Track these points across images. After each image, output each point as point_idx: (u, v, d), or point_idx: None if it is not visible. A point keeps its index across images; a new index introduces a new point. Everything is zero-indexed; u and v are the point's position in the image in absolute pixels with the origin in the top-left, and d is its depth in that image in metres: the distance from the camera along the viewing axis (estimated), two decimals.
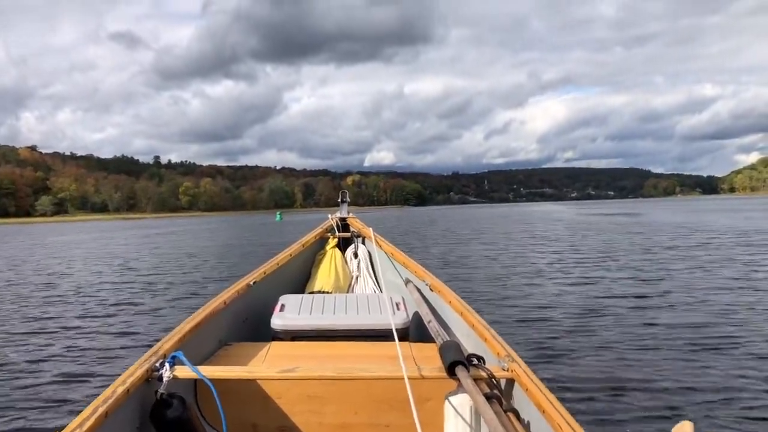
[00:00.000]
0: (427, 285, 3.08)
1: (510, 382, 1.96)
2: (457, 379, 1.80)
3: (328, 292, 3.39)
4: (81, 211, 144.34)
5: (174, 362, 1.89)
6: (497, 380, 1.86)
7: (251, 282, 3.00)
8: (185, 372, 1.87)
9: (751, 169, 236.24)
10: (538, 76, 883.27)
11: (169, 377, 1.82)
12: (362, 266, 3.80)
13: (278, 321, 2.62)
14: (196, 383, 2.10)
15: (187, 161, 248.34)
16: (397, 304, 2.74)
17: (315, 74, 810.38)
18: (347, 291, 3.62)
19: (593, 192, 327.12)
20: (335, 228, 4.07)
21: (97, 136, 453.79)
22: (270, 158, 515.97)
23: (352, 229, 4.07)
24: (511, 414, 1.70)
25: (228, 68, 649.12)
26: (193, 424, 1.87)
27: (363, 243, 3.97)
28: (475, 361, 1.92)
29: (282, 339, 2.59)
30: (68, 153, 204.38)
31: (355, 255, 3.89)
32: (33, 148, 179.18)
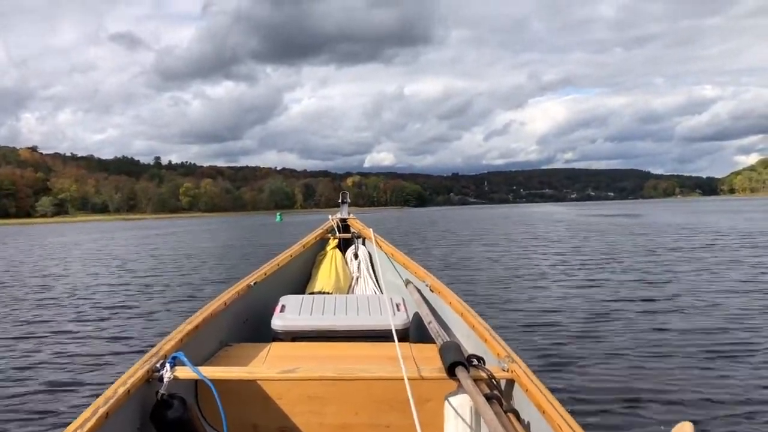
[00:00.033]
0: (428, 286, 3.07)
1: (510, 383, 1.97)
2: (458, 380, 1.80)
3: (329, 293, 3.36)
4: (81, 212, 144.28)
5: (175, 363, 1.89)
6: (497, 381, 1.87)
7: (252, 283, 2.99)
8: (186, 372, 1.88)
9: (751, 171, 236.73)
10: (538, 78, 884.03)
11: (170, 378, 1.83)
12: (362, 267, 3.79)
13: (279, 322, 2.61)
14: (197, 384, 2.10)
15: (188, 162, 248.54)
16: (398, 305, 2.73)
17: (315, 75, 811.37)
18: (347, 292, 3.60)
19: (593, 193, 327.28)
20: (336, 229, 4.05)
21: (98, 137, 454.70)
22: (270, 159, 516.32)
23: (353, 230, 4.06)
24: (511, 414, 1.70)
25: (228, 69, 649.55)
26: (194, 425, 1.88)
27: (363, 244, 3.96)
28: (476, 362, 1.92)
29: (282, 340, 2.58)
30: (69, 154, 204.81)
31: (356, 256, 3.87)
32: (33, 149, 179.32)
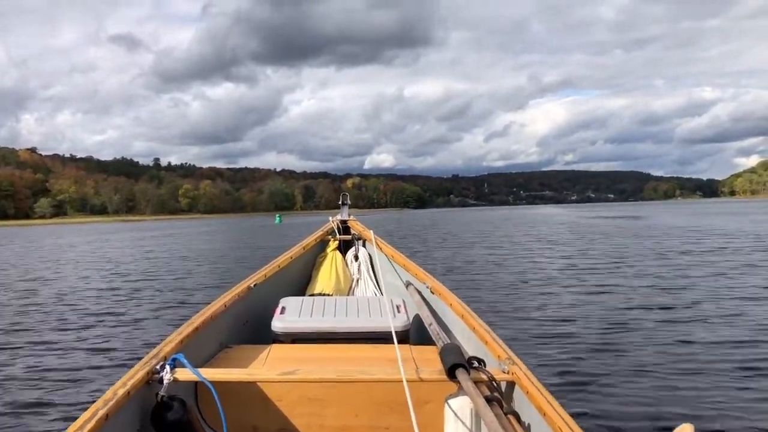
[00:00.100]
0: (428, 288, 3.07)
1: (511, 385, 1.95)
2: (458, 382, 1.79)
3: (329, 295, 3.35)
4: (80, 213, 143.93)
5: (174, 364, 1.87)
6: (498, 383, 1.86)
7: (252, 284, 2.97)
8: (186, 374, 1.86)
9: (751, 173, 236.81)
10: (538, 79, 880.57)
11: (170, 379, 1.81)
12: (363, 269, 3.77)
13: (279, 323, 2.60)
14: (197, 386, 2.09)
15: (187, 163, 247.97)
16: (398, 307, 2.72)
17: (315, 77, 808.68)
18: (348, 294, 3.59)
19: (593, 195, 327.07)
20: (336, 230, 4.02)
21: (97, 138, 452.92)
22: (270, 160, 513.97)
23: (353, 232, 4.03)
24: (512, 417, 1.68)
25: (228, 70, 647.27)
26: (194, 427, 1.86)
27: (364, 245, 3.93)
28: (476, 364, 1.91)
29: (282, 341, 2.57)
30: (68, 155, 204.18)
31: (356, 257, 3.85)
32: (33, 150, 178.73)
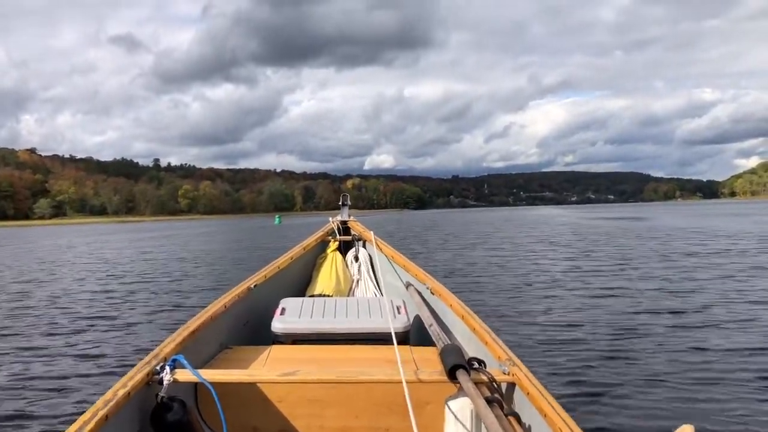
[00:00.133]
0: (428, 288, 3.06)
1: (511, 386, 1.94)
2: (458, 383, 1.78)
3: (329, 296, 3.34)
4: (79, 214, 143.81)
5: (174, 365, 1.86)
6: (498, 384, 1.86)
7: (252, 285, 2.97)
8: (186, 375, 1.86)
9: (752, 174, 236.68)
10: (538, 80, 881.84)
11: (170, 380, 1.80)
12: (363, 270, 3.77)
13: (279, 324, 2.59)
14: (197, 386, 2.08)
15: (187, 164, 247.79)
16: (398, 308, 2.71)
17: (315, 77, 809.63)
18: (348, 294, 3.59)
19: (593, 196, 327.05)
20: (336, 231, 4.02)
21: (97, 139, 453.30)
22: (270, 161, 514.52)
23: (353, 233, 4.02)
24: (512, 418, 1.67)
25: (228, 71, 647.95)
26: (194, 428, 1.85)
27: (364, 246, 3.92)
28: (476, 365, 1.90)
29: (283, 342, 2.56)
30: (68, 156, 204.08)
31: (356, 258, 3.85)
32: (32, 151, 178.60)
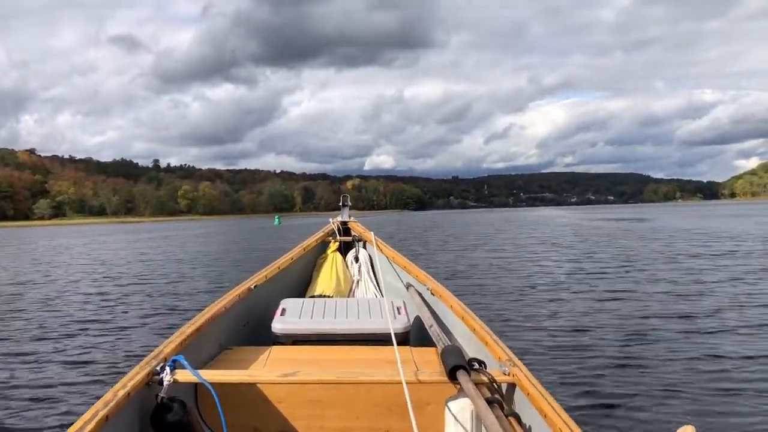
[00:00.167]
0: (428, 289, 3.07)
1: (511, 387, 1.94)
2: (458, 384, 1.78)
3: (329, 296, 3.35)
4: (79, 215, 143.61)
5: (175, 366, 1.86)
6: (498, 384, 1.87)
7: (252, 286, 2.97)
8: (186, 376, 1.85)
9: (752, 175, 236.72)
10: (538, 81, 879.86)
11: (170, 381, 1.80)
12: (363, 270, 3.77)
13: (279, 325, 2.59)
14: (197, 387, 2.07)
15: (187, 165, 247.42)
16: (398, 309, 2.72)
17: (315, 78, 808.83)
18: (348, 295, 3.59)
19: (593, 197, 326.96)
20: (336, 232, 4.01)
21: (97, 140, 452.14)
22: (269, 162, 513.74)
23: (354, 233, 4.01)
24: (513, 419, 1.67)
25: (228, 72, 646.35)
26: (194, 428, 1.85)
27: (364, 247, 3.92)
28: (477, 366, 1.90)
29: (283, 343, 2.56)
30: (67, 156, 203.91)
31: (356, 259, 3.85)
32: (32, 152, 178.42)
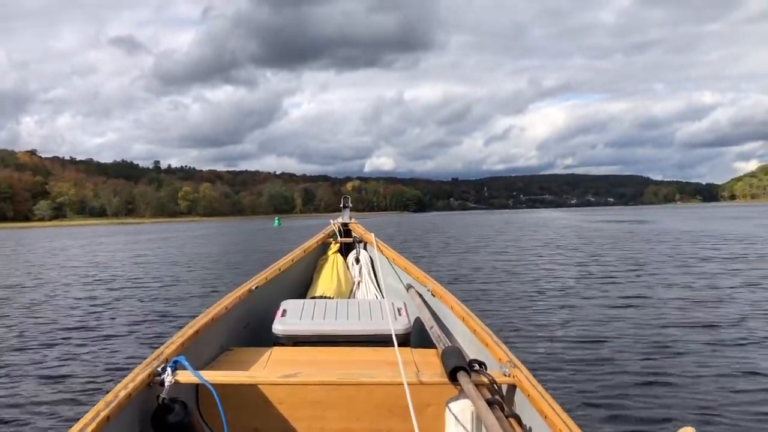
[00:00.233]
0: (429, 290, 3.06)
1: (512, 388, 1.93)
2: (459, 385, 1.77)
3: (330, 298, 3.34)
4: (79, 216, 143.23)
5: (176, 367, 1.85)
6: (499, 386, 1.87)
7: (253, 287, 2.96)
8: (187, 377, 1.85)
9: (751, 177, 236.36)
10: (538, 83, 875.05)
11: (171, 382, 1.79)
12: (364, 272, 3.76)
13: (280, 326, 2.59)
14: (198, 388, 2.06)
15: (187, 166, 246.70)
16: (399, 310, 2.72)
17: (315, 80, 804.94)
18: (349, 296, 3.59)
19: (593, 199, 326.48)
20: (337, 233, 4.00)
21: (97, 141, 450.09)
22: (269, 163, 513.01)
23: (354, 235, 4.01)
24: (513, 420, 1.67)
25: (228, 73, 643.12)
26: (195, 429, 1.84)
27: (365, 248, 3.91)
28: (477, 367, 1.89)
29: (284, 344, 2.56)
30: (68, 157, 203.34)
31: (357, 260, 3.84)
32: (32, 153, 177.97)
